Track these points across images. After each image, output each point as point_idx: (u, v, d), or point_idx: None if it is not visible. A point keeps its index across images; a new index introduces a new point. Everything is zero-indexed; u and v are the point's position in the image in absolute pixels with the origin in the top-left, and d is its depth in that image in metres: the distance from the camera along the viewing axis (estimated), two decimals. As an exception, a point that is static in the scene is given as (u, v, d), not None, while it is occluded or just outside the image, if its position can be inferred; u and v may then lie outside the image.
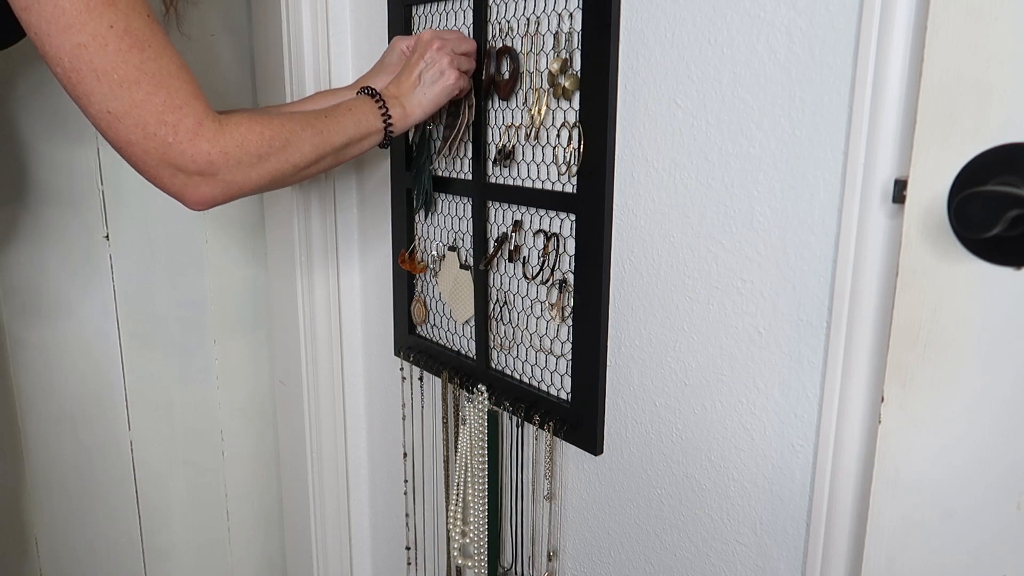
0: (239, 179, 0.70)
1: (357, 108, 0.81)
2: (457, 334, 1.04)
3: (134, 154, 0.65)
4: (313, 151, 0.76)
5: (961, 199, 0.45)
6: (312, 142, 0.75)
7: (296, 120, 0.75)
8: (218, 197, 0.70)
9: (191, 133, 0.65)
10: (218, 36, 1.31)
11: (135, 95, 0.63)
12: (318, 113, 0.78)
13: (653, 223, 0.76)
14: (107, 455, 1.34)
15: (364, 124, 0.81)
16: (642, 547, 0.83)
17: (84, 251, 1.26)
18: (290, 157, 0.74)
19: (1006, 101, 0.46)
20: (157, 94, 0.64)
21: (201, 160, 0.67)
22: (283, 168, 0.73)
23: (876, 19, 0.55)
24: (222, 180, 0.69)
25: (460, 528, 1.04)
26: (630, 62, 0.75)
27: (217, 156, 0.68)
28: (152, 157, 0.65)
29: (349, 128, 0.79)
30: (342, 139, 0.78)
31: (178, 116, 0.65)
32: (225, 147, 0.68)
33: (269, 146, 0.71)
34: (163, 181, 0.68)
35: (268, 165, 0.72)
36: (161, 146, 0.65)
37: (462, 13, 0.94)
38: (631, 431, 0.82)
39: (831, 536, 0.63)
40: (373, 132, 0.82)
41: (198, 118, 0.66)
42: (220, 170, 0.68)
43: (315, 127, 0.76)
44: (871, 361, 0.59)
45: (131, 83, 0.63)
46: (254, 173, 0.71)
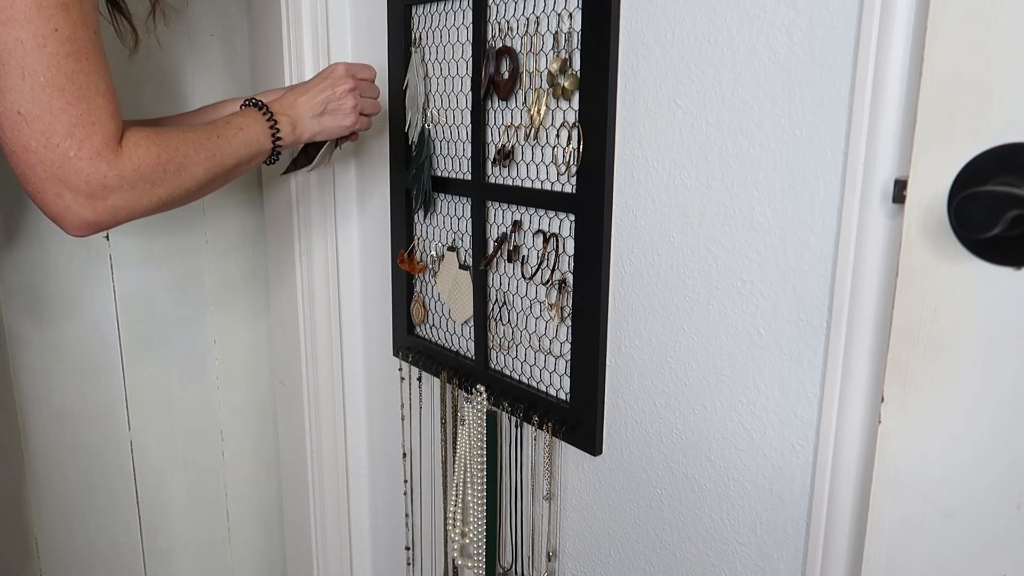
0: (129, 204, 0.67)
1: (249, 126, 0.80)
2: (456, 334, 1.04)
3: (26, 161, 0.62)
4: (205, 175, 0.74)
5: (961, 199, 0.45)
6: (205, 166, 0.74)
7: (190, 142, 0.73)
8: (102, 222, 0.67)
9: (94, 152, 0.63)
10: (218, 36, 1.31)
11: (54, 102, 0.61)
12: (210, 132, 0.76)
13: (653, 223, 0.76)
14: (107, 455, 1.34)
15: (254, 145, 0.80)
16: (642, 547, 0.83)
17: (84, 251, 1.26)
18: (183, 182, 0.72)
19: (1006, 101, 0.46)
20: (77, 106, 0.62)
21: (95, 181, 0.64)
22: (174, 193, 0.71)
23: (876, 19, 0.55)
24: (111, 205, 0.66)
25: (459, 528, 1.04)
26: (630, 62, 0.75)
27: (112, 179, 0.65)
28: (45, 169, 0.62)
29: (240, 150, 0.78)
30: (233, 160, 0.78)
31: (88, 132, 0.63)
32: (122, 170, 0.66)
33: (164, 170, 0.69)
34: (46, 198, 0.64)
35: (160, 191, 0.70)
36: (60, 159, 0.62)
37: (462, 13, 0.94)
38: (631, 431, 0.82)
39: (831, 536, 0.63)
40: (263, 152, 0.82)
41: (105, 138, 0.64)
42: (112, 193, 0.66)
43: (208, 149, 0.74)
44: (871, 361, 0.59)
45: (55, 89, 0.61)
46: (145, 199, 0.69)
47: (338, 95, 0.87)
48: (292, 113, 0.84)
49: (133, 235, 1.29)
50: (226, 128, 0.78)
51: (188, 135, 0.74)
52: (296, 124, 0.85)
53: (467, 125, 0.96)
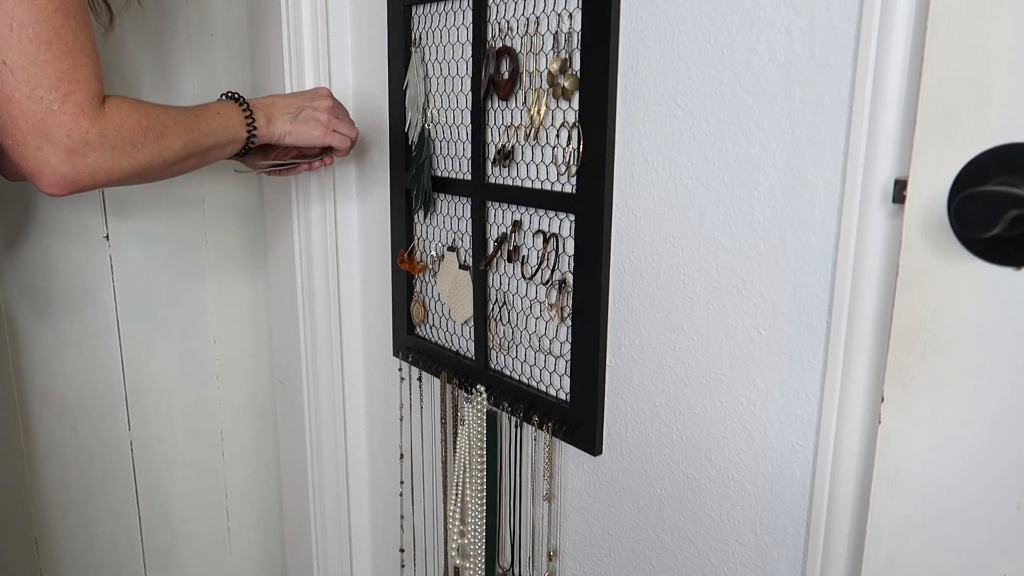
0: (108, 164, 0.68)
1: (225, 113, 0.82)
2: (456, 334, 1.04)
3: (8, 112, 0.63)
4: (183, 149, 0.76)
5: (961, 199, 0.45)
6: (183, 139, 0.76)
7: (170, 115, 0.75)
8: (80, 180, 0.67)
9: (77, 107, 0.64)
10: (218, 36, 1.31)
11: (41, 54, 0.62)
12: (189, 111, 0.78)
13: (653, 223, 0.76)
14: (107, 455, 1.34)
15: (230, 130, 0.82)
16: (642, 547, 0.83)
17: (84, 251, 1.26)
18: (162, 151, 0.73)
19: (1006, 101, 0.46)
20: (63, 60, 0.63)
21: (77, 136, 0.65)
22: (152, 161, 0.73)
23: (876, 19, 0.55)
24: (89, 163, 0.67)
25: (459, 528, 1.04)
26: (630, 62, 0.75)
27: (94, 136, 0.66)
28: (27, 121, 0.63)
29: (217, 132, 0.81)
30: (209, 142, 0.80)
31: (73, 87, 0.64)
32: (104, 129, 0.67)
33: (144, 135, 0.71)
34: (26, 151, 0.64)
35: (139, 155, 0.71)
36: (43, 111, 0.63)
37: (462, 13, 0.94)
38: (631, 431, 0.82)
39: (831, 536, 0.63)
40: (236, 140, 0.84)
41: (89, 95, 0.65)
42: (92, 151, 0.67)
43: (186, 125, 0.76)
44: (871, 361, 0.59)
45: (43, 42, 0.62)
46: (124, 161, 0.70)
47: (315, 107, 0.91)
48: (267, 110, 0.87)
49: (133, 235, 1.29)
50: (204, 111, 0.80)
51: (168, 109, 0.76)
52: (271, 119, 0.87)
53: (467, 125, 0.96)
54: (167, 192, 1.30)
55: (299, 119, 0.90)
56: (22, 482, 1.29)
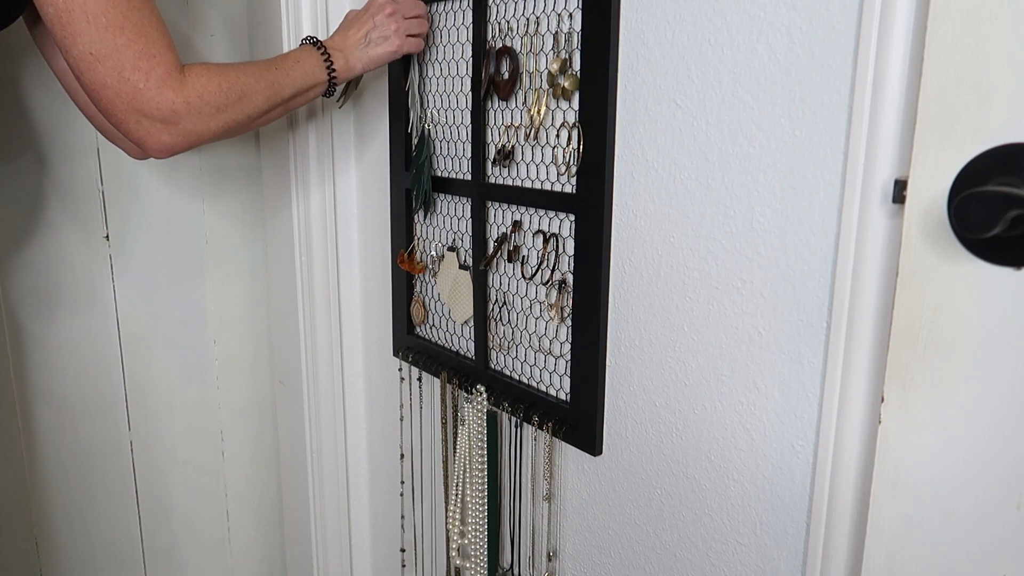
0: (198, 128, 0.74)
1: (304, 60, 0.86)
2: (456, 334, 1.04)
3: (107, 97, 0.69)
4: (266, 102, 0.81)
5: (961, 199, 0.45)
6: (265, 94, 0.81)
7: (250, 72, 0.80)
8: (178, 144, 0.74)
9: (160, 81, 0.70)
10: (218, 36, 1.31)
11: (117, 39, 0.67)
12: (269, 65, 0.83)
13: (653, 223, 0.76)
14: (107, 455, 1.34)
15: (311, 76, 0.86)
16: (642, 547, 0.83)
17: (85, 252, 1.26)
18: (245, 108, 0.79)
19: (1006, 101, 0.46)
20: (137, 41, 0.68)
21: (166, 108, 0.71)
22: (238, 119, 0.78)
23: (876, 19, 0.55)
24: (183, 129, 0.73)
25: (459, 529, 1.04)
26: (630, 62, 0.75)
27: (180, 105, 0.72)
28: (123, 101, 0.69)
29: (297, 80, 0.84)
30: (291, 90, 0.84)
31: (151, 64, 0.69)
32: (188, 97, 0.72)
33: (227, 98, 0.76)
34: (129, 127, 0.71)
35: (225, 116, 0.77)
36: (132, 91, 0.69)
37: (462, 13, 0.94)
38: (631, 431, 0.82)
39: (831, 536, 0.63)
40: (318, 83, 0.88)
41: (168, 68, 0.70)
42: (182, 119, 0.72)
43: (267, 79, 0.81)
44: (871, 361, 0.59)
45: (116, 28, 0.67)
46: (212, 123, 0.76)
47: (378, 23, 0.91)
48: (343, 47, 0.90)
49: (133, 235, 1.29)
50: (283, 61, 0.85)
51: (248, 67, 0.81)
52: (348, 58, 0.90)
53: (467, 125, 0.96)
54: (167, 192, 1.30)
55: (371, 44, 0.91)
56: (22, 482, 1.29)
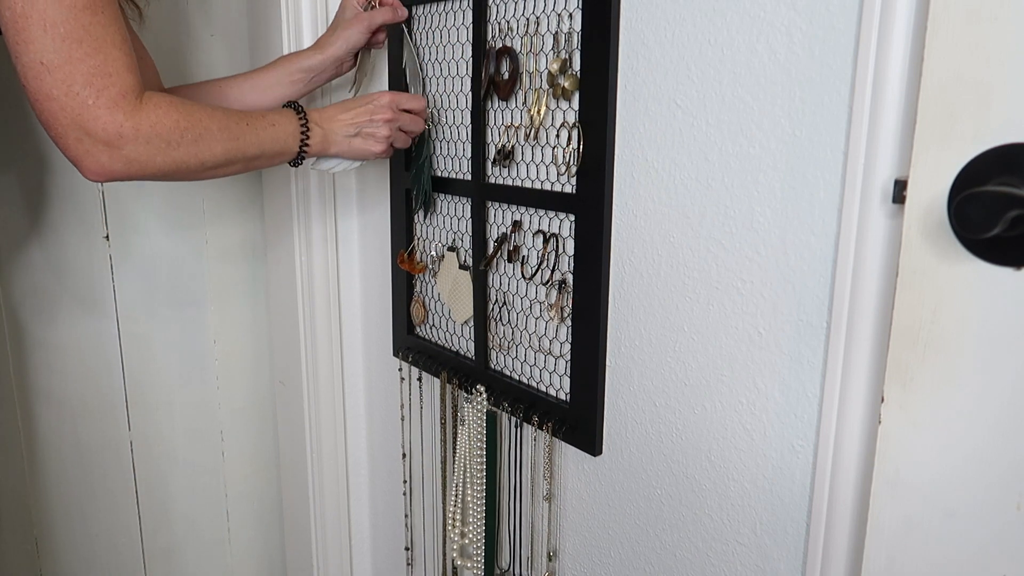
0: (142, 159, 0.71)
1: (280, 124, 0.83)
2: (456, 334, 1.04)
3: (49, 109, 0.66)
4: (224, 154, 0.77)
5: (961, 199, 0.45)
6: (225, 146, 0.77)
7: (216, 119, 0.76)
8: (116, 171, 0.70)
9: (111, 101, 0.67)
10: (218, 36, 1.31)
11: (73, 52, 0.65)
12: (240, 117, 0.79)
13: (653, 223, 0.76)
14: (107, 455, 1.34)
15: (280, 143, 0.83)
16: (642, 547, 0.83)
17: (84, 251, 1.26)
18: (199, 152, 0.75)
19: (1006, 101, 0.46)
20: (94, 56, 0.66)
21: (112, 130, 0.68)
22: (189, 161, 0.74)
23: (876, 19, 0.55)
24: (125, 155, 0.70)
25: (459, 529, 1.04)
26: (630, 62, 0.75)
27: (128, 130, 0.69)
28: (66, 115, 0.66)
29: (265, 142, 0.81)
30: (255, 150, 0.80)
31: (106, 82, 0.66)
32: (138, 124, 0.69)
33: (182, 136, 0.73)
34: (67, 142, 0.68)
35: (175, 153, 0.73)
36: (79, 107, 0.66)
37: (462, 13, 0.94)
38: (631, 431, 0.82)
39: (831, 536, 0.63)
40: (287, 153, 0.84)
41: (123, 89, 0.68)
42: (127, 144, 0.69)
43: (232, 131, 0.77)
44: (871, 361, 0.59)
45: (74, 40, 0.64)
46: (159, 157, 0.72)
47: (375, 123, 0.89)
48: (327, 126, 0.87)
49: (133, 235, 1.29)
50: (257, 119, 0.81)
51: (216, 112, 0.77)
52: (327, 138, 0.87)
53: (467, 125, 0.96)
54: (167, 192, 1.30)
55: (357, 136, 0.89)
56: (22, 482, 1.29)
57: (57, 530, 1.33)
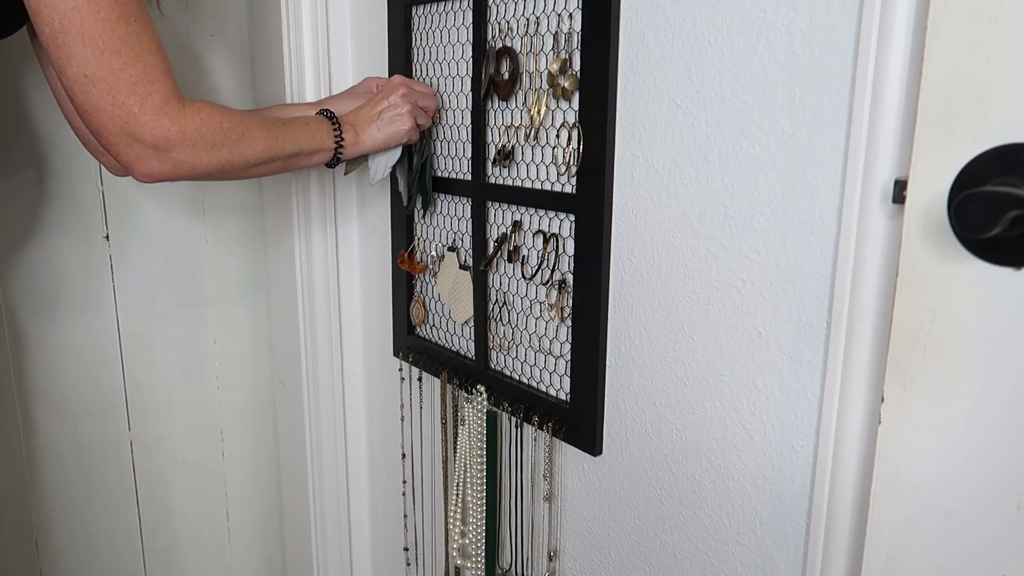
0: (190, 160, 0.73)
1: (314, 125, 0.86)
2: (456, 334, 1.04)
3: (98, 119, 0.68)
4: (265, 152, 0.79)
5: (961, 199, 0.45)
6: (266, 143, 0.79)
7: (255, 120, 0.79)
8: (166, 173, 0.73)
9: (156, 108, 0.69)
10: (218, 36, 1.31)
11: (114, 63, 0.66)
12: (276, 119, 0.82)
13: (653, 223, 0.76)
14: (107, 455, 1.34)
15: (317, 140, 0.85)
16: (642, 547, 0.83)
17: (84, 251, 1.26)
18: (242, 151, 0.77)
19: (1006, 101, 0.46)
20: (134, 66, 0.67)
21: (159, 135, 0.70)
22: (233, 160, 0.77)
23: (876, 19, 0.55)
24: (173, 158, 0.72)
25: (459, 529, 1.04)
26: (630, 62, 0.75)
27: (175, 134, 0.71)
28: (115, 124, 0.68)
29: (303, 140, 0.84)
30: (294, 148, 0.83)
31: (148, 89, 0.68)
32: (184, 127, 0.71)
33: (225, 136, 0.75)
34: (118, 149, 0.70)
35: (220, 154, 0.75)
36: (126, 115, 0.68)
37: (462, 13, 0.94)
38: (631, 431, 0.82)
39: (831, 536, 0.63)
40: (324, 149, 0.87)
41: (165, 95, 0.70)
42: (175, 147, 0.71)
43: (271, 131, 0.80)
44: (871, 361, 0.59)
45: (113, 51, 0.66)
46: (206, 158, 0.74)
47: (392, 103, 0.91)
48: (356, 122, 0.90)
49: (133, 235, 1.29)
50: (293, 121, 0.85)
51: (254, 115, 0.81)
52: (359, 133, 0.90)
53: (467, 125, 0.96)
54: (167, 192, 1.30)
55: (384, 123, 0.91)
56: (22, 482, 1.29)
57: (57, 530, 1.33)
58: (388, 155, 0.97)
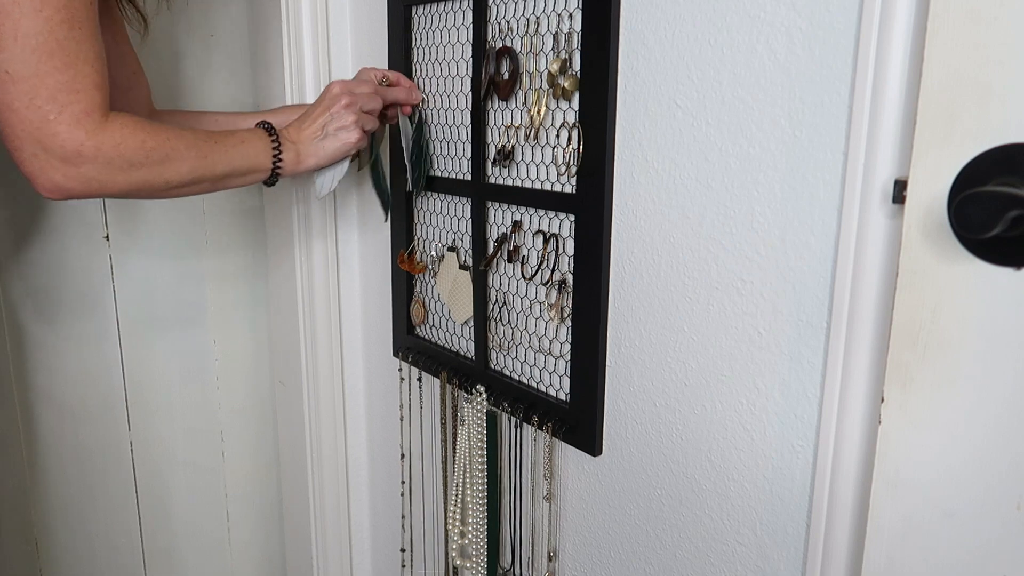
0: (102, 178, 0.69)
1: (250, 142, 0.81)
2: (456, 335, 1.04)
3: (8, 120, 0.64)
4: (191, 173, 0.75)
5: (961, 199, 0.45)
6: (192, 164, 0.75)
7: (184, 138, 0.74)
8: (73, 189, 0.68)
9: (74, 118, 0.65)
10: (218, 36, 1.31)
11: (42, 65, 0.63)
12: (210, 136, 0.77)
13: (653, 223, 0.76)
14: (107, 455, 1.34)
15: (252, 160, 0.80)
16: (642, 548, 0.83)
17: (84, 251, 1.26)
18: (164, 172, 0.73)
19: (1006, 101, 0.46)
20: (64, 72, 0.64)
21: (71, 147, 0.66)
22: (153, 181, 0.73)
23: (876, 19, 0.55)
24: (83, 174, 0.68)
25: (459, 529, 1.04)
26: (630, 62, 0.75)
27: (89, 149, 0.66)
28: (25, 128, 0.64)
29: (236, 160, 0.79)
30: (225, 168, 0.78)
31: (72, 98, 0.65)
32: (100, 143, 0.67)
33: (147, 156, 0.71)
34: (23, 156, 0.66)
35: (138, 174, 0.71)
36: (39, 120, 0.64)
37: (462, 13, 0.94)
38: (631, 431, 0.82)
39: (831, 536, 0.63)
40: (259, 170, 0.82)
41: (88, 107, 0.66)
42: (86, 163, 0.67)
43: (201, 150, 0.75)
44: (871, 362, 0.59)
45: (45, 53, 0.63)
46: (121, 177, 0.70)
47: (335, 115, 0.86)
48: (297, 139, 0.85)
49: (133, 235, 1.29)
50: (227, 137, 0.79)
51: (184, 133, 0.75)
52: (300, 152, 0.85)
53: (467, 125, 0.96)
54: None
55: (328, 138, 0.87)
56: (22, 482, 1.29)
57: (57, 530, 1.33)
58: (335, 169, 0.92)
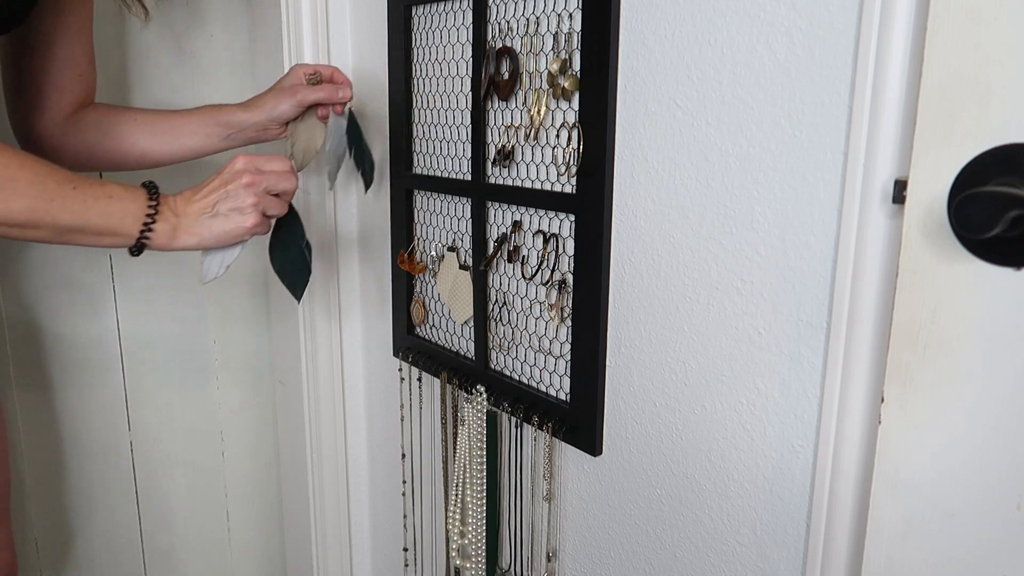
0: None
1: (119, 200, 0.70)
2: (456, 335, 1.04)
3: None
4: (26, 213, 0.64)
5: (961, 199, 0.45)
6: (30, 204, 0.64)
7: (31, 170, 0.64)
8: None
9: None
10: (218, 36, 1.31)
11: None
12: (71, 179, 0.67)
13: (653, 223, 0.76)
14: (107, 455, 1.34)
15: (112, 221, 0.69)
16: (642, 548, 0.83)
17: (84, 251, 1.26)
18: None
19: (1006, 101, 0.46)
20: None
21: None
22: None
23: (876, 19, 0.55)
24: None
25: (459, 529, 1.04)
26: (630, 62, 0.75)
27: None
28: None
29: (91, 215, 0.68)
30: (72, 221, 0.67)
31: None
32: None
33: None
34: None
35: None
36: None
37: (462, 13, 0.94)
38: (631, 432, 0.82)
39: (831, 536, 0.63)
40: (120, 234, 0.71)
41: None
42: None
43: (48, 192, 0.65)
44: (871, 361, 0.59)
45: None
46: None
47: (231, 193, 0.75)
48: (181, 213, 0.74)
49: (133, 235, 1.29)
50: (93, 186, 0.68)
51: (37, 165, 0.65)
52: (178, 228, 0.74)
53: (467, 125, 0.96)
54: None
55: (219, 218, 0.75)
56: (22, 482, 1.29)
57: (57, 530, 1.33)
58: (224, 253, 0.80)
